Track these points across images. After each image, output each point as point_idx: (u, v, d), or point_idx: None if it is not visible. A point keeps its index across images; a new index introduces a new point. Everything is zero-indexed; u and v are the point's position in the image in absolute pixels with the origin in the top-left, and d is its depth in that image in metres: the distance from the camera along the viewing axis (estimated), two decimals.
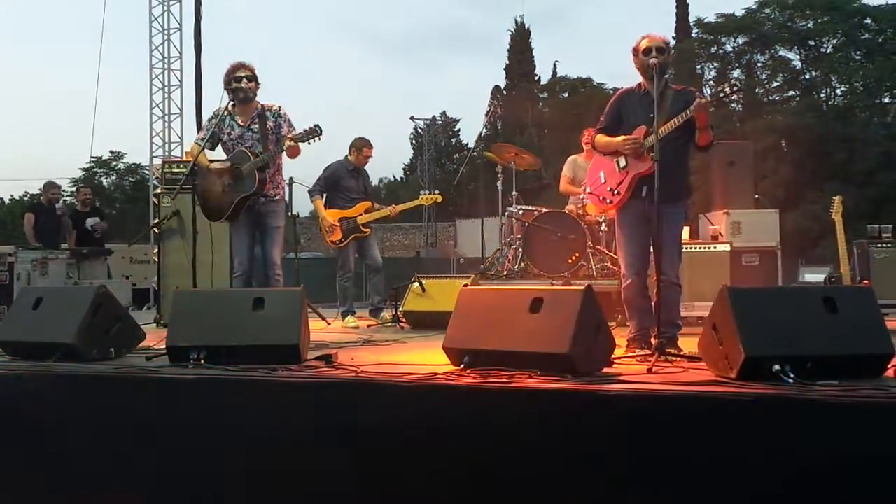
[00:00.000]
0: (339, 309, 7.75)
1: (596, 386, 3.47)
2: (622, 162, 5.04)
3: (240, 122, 6.04)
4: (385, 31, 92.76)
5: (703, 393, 3.35)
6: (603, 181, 5.17)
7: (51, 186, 10.86)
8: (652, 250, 5.05)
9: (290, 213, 8.63)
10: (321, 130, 5.76)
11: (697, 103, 4.72)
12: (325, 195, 7.91)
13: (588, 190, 5.39)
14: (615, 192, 5.07)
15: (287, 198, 8.40)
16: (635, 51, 4.99)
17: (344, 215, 7.74)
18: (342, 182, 7.86)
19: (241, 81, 5.92)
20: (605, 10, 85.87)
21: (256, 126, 5.99)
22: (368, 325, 7.55)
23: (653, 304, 5.01)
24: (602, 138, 5.20)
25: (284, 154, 5.94)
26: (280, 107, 6.07)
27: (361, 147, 7.95)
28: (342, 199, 7.84)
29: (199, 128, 6.24)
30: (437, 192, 8.34)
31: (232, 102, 6.02)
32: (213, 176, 6.00)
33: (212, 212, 6.10)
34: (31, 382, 4.20)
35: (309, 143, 5.83)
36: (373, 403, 3.67)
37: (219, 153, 6.21)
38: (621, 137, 5.02)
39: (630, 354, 4.63)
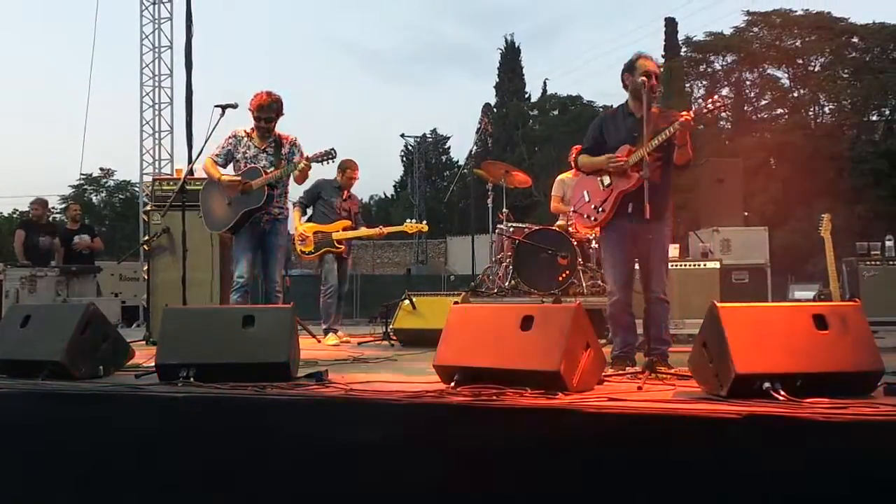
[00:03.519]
0: (322, 326, 7.72)
1: (586, 403, 3.46)
2: (606, 180, 5.09)
3: (257, 143, 6.25)
4: (376, 50, 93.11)
5: (693, 410, 3.35)
6: (587, 200, 5.21)
7: (38, 203, 10.87)
8: (638, 267, 5.08)
9: None
10: (335, 154, 6.02)
11: (682, 121, 4.73)
12: (306, 209, 7.98)
13: (573, 209, 5.42)
14: (600, 209, 5.09)
15: None
16: (630, 68, 4.99)
17: (320, 229, 7.75)
18: (323, 196, 7.91)
19: (270, 122, 6.17)
20: (594, 28, 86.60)
21: (272, 149, 6.22)
22: (359, 343, 7.54)
23: (639, 321, 5.04)
24: (585, 158, 5.26)
25: (292, 177, 6.14)
26: (296, 138, 6.31)
27: (346, 168, 7.99)
28: (322, 214, 7.90)
29: (190, 146, 6.29)
30: (424, 221, 8.36)
31: (252, 127, 6.23)
32: (222, 188, 6.13)
33: (215, 222, 6.20)
34: (18, 401, 4.16)
35: (323, 164, 6.07)
36: (363, 421, 3.66)
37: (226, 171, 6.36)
38: (605, 156, 5.06)
39: (620, 372, 4.64)
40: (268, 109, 6.14)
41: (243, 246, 6.16)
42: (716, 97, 4.88)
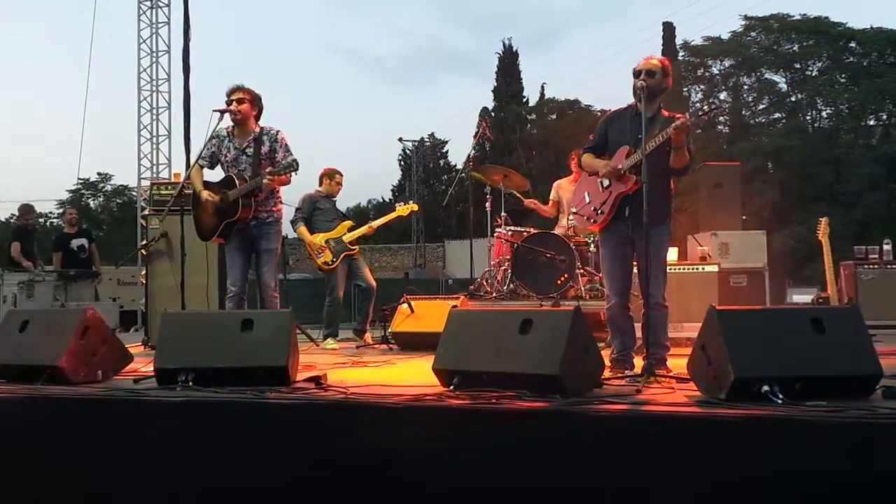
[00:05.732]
0: (323, 331, 7.72)
1: (585, 407, 3.46)
2: (605, 181, 5.07)
3: (236, 144, 6.11)
4: (374, 54, 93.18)
5: (692, 414, 3.36)
6: (588, 201, 5.20)
7: (26, 210, 10.92)
8: (636, 272, 5.07)
9: None
10: (297, 166, 5.87)
11: (677, 123, 4.73)
12: (306, 222, 7.93)
13: (574, 210, 5.42)
14: (599, 211, 5.08)
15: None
16: (633, 72, 5.02)
17: (329, 237, 7.75)
18: (318, 206, 7.96)
19: (231, 104, 5.97)
20: (592, 33, 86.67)
21: (251, 149, 6.05)
22: (358, 347, 7.54)
23: (637, 325, 5.03)
24: (588, 157, 5.23)
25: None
26: (278, 131, 6.11)
27: (333, 175, 8.09)
28: (322, 222, 7.91)
29: (187, 150, 6.27)
30: (411, 202, 8.39)
31: (232, 124, 6.09)
32: (204, 199, 6.07)
33: (202, 232, 6.17)
34: (17, 406, 4.16)
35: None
36: (362, 425, 3.66)
37: (218, 172, 6.30)
38: (603, 162, 5.06)
39: (619, 375, 4.63)
40: (238, 90, 6.03)
41: (233, 254, 6.11)
42: (712, 100, 4.87)
